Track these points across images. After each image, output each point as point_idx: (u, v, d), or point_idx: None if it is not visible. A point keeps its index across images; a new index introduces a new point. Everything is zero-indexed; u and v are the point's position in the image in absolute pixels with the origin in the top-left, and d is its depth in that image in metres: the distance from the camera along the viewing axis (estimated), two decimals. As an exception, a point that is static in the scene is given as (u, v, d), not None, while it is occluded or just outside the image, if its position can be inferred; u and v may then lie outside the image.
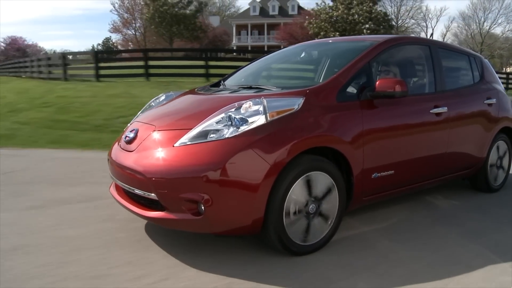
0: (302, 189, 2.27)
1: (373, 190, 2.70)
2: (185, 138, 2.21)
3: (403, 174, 2.89)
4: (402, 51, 3.18)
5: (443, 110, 3.09)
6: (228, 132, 2.16)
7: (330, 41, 3.81)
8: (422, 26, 51.20)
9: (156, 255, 2.33)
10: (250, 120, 2.19)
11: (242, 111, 2.24)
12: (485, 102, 3.56)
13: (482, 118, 3.52)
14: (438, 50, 3.32)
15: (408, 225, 2.89)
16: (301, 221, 2.29)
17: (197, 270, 2.16)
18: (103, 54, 17.95)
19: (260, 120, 2.19)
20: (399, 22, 47.01)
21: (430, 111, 3.02)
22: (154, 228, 2.69)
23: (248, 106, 2.25)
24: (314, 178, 2.31)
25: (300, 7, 47.00)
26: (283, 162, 2.16)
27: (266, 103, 2.24)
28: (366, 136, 2.53)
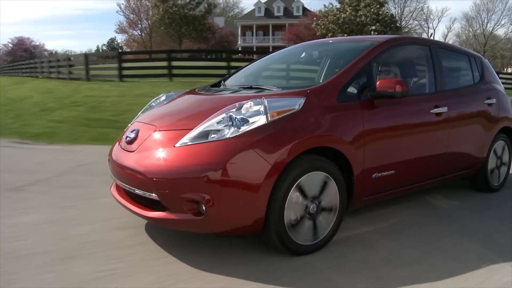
0: (303, 189, 2.27)
1: (373, 190, 2.71)
2: (186, 138, 2.21)
3: (404, 174, 2.89)
4: (403, 51, 3.19)
5: (443, 110, 3.10)
6: (229, 132, 2.16)
7: (331, 41, 3.81)
8: (423, 27, 51.29)
9: (156, 255, 2.33)
10: (251, 120, 2.20)
11: (243, 111, 2.24)
12: (485, 102, 3.57)
13: (482, 118, 3.52)
14: (438, 50, 3.33)
15: (408, 225, 2.89)
16: (302, 220, 2.29)
17: (197, 270, 2.16)
18: (126, 55, 18.05)
19: (261, 120, 2.19)
20: (402, 23, 47.00)
21: (431, 111, 3.02)
22: (154, 228, 2.70)
23: (249, 106, 2.26)
24: (315, 179, 2.31)
25: (305, 8, 47.11)
26: (284, 162, 2.16)
27: (267, 103, 2.24)
28: (366, 136, 2.54)
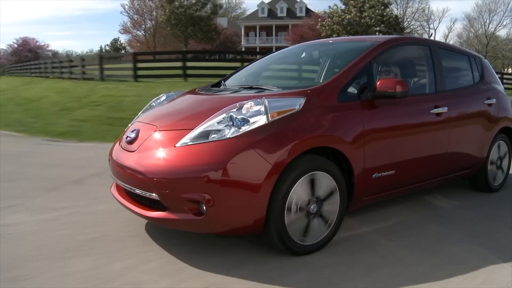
0: (303, 189, 2.27)
1: (373, 190, 2.71)
2: (186, 138, 2.21)
3: (404, 174, 2.89)
4: (403, 52, 3.19)
5: (443, 110, 3.10)
6: (229, 132, 2.16)
7: (331, 41, 3.81)
8: (424, 28, 51.29)
9: (156, 255, 2.33)
10: (251, 120, 2.20)
11: (244, 111, 2.24)
12: (485, 102, 3.57)
13: (482, 118, 3.53)
14: (438, 51, 3.33)
15: (408, 225, 2.89)
16: (302, 220, 2.30)
17: (197, 270, 2.16)
18: (142, 56, 18.10)
19: (261, 120, 2.19)
20: (405, 24, 47.01)
21: (431, 111, 3.03)
22: (154, 228, 2.70)
23: (249, 106, 2.26)
24: (315, 178, 2.31)
25: (308, 9, 47.16)
26: (285, 162, 2.16)
27: (267, 103, 2.25)
28: (367, 136, 2.54)
